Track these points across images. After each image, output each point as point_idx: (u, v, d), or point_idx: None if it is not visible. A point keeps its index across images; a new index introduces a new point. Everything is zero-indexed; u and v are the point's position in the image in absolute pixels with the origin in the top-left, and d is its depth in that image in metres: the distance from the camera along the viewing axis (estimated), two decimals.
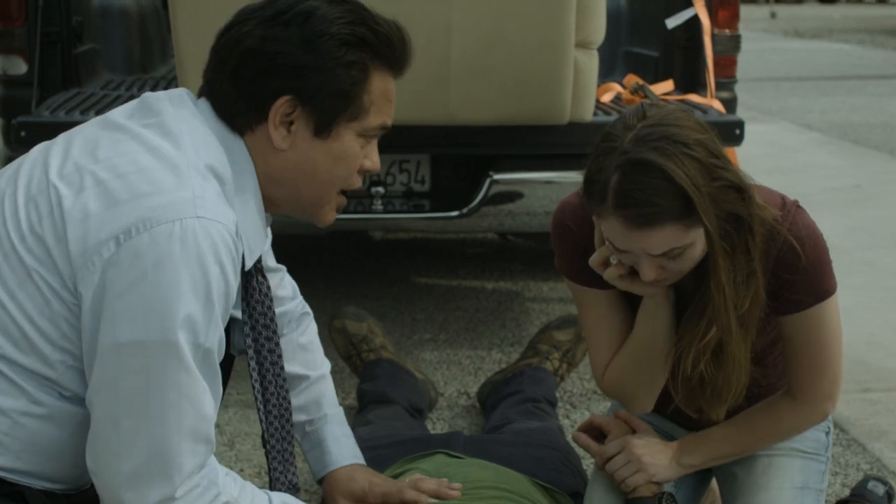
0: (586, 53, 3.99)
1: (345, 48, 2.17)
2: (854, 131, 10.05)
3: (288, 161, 2.21)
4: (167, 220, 2.01)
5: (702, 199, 2.27)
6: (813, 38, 21.39)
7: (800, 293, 2.49)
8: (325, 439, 2.79)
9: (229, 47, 2.18)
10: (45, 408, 2.13)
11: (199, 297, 2.02)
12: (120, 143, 2.14)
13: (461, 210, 4.24)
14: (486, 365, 4.36)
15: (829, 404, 2.64)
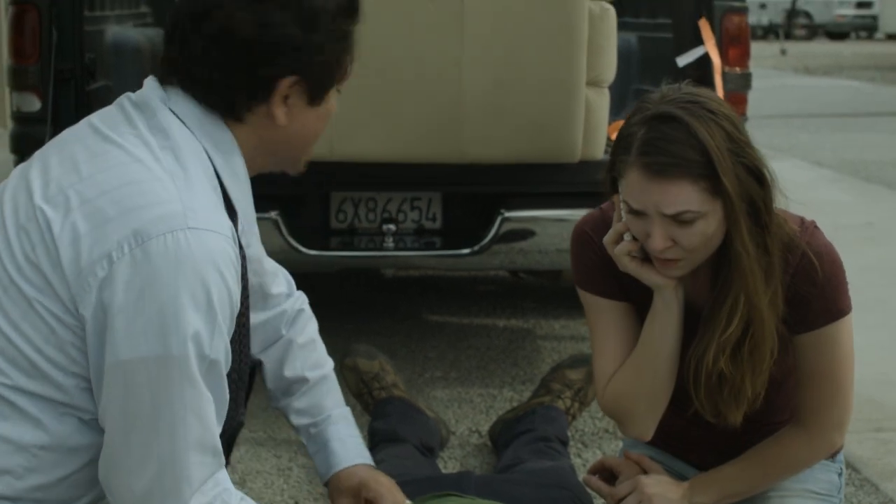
0: (597, 92, 4.00)
1: (338, 20, 2.20)
2: (865, 168, 10.05)
3: (287, 132, 2.23)
4: (158, 233, 1.99)
5: (723, 161, 2.30)
6: (824, 75, 21.42)
7: (815, 310, 2.49)
8: (330, 440, 2.75)
9: (217, 37, 2.13)
10: (64, 439, 2.11)
11: (201, 309, 2.01)
12: (102, 156, 2.10)
13: (472, 248, 4.24)
14: (498, 403, 4.35)
15: (836, 434, 2.62)
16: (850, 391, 2.59)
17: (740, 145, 2.34)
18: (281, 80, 2.16)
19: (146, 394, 2.02)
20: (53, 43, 4.42)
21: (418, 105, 3.84)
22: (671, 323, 2.53)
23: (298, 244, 4.15)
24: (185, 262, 1.99)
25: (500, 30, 3.79)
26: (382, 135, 3.87)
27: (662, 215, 2.34)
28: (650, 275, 2.48)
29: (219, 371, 2.08)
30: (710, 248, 2.41)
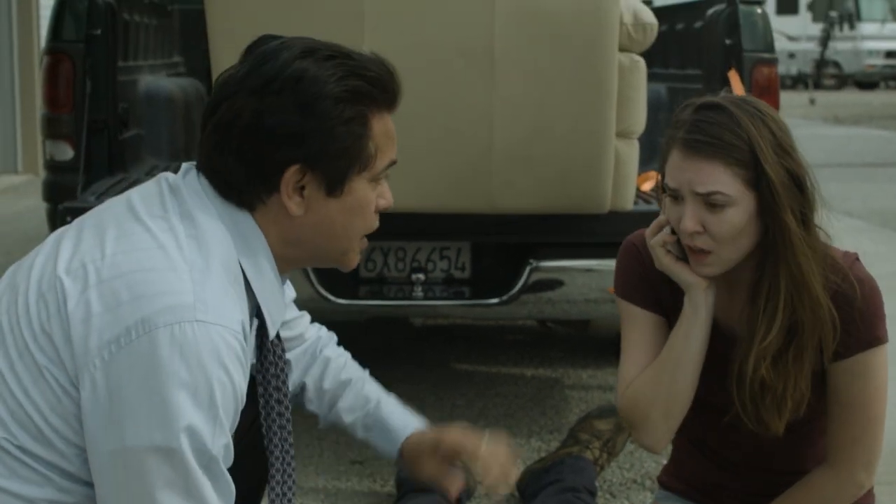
0: (627, 143, 4.02)
1: (341, 105, 2.14)
2: (895, 218, 10.02)
3: (305, 224, 2.19)
4: (166, 323, 1.99)
5: (765, 151, 2.37)
6: (853, 125, 21.37)
7: (852, 335, 2.49)
8: (386, 420, 2.81)
9: (226, 126, 2.14)
10: (73, 495, 2.12)
11: (202, 404, 2.00)
12: (128, 237, 2.12)
13: (501, 297, 4.25)
14: (526, 453, 4.34)
15: (864, 475, 2.59)
16: (880, 429, 2.58)
17: (784, 148, 2.41)
18: (287, 169, 2.14)
19: (146, 482, 2.03)
20: (87, 93, 4.47)
21: (448, 156, 3.86)
22: (697, 326, 2.55)
23: (328, 293, 4.17)
24: (189, 355, 2.00)
25: (530, 82, 3.82)
26: (413, 185, 3.88)
27: (695, 194, 2.41)
28: (682, 272, 2.53)
29: (217, 467, 2.08)
30: (739, 247, 2.45)
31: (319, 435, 4.46)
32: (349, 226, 2.24)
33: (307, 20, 3.74)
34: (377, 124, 2.21)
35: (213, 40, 3.78)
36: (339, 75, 2.14)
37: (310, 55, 2.15)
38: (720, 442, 2.76)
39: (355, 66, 2.18)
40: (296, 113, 2.12)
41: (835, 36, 35.81)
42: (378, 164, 2.23)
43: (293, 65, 2.13)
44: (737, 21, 4.54)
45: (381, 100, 2.22)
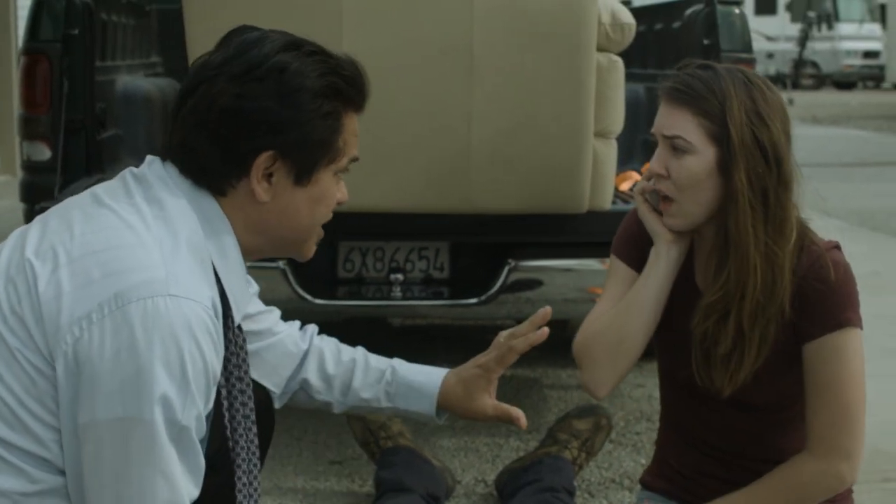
0: (605, 143, 4.02)
1: (320, 100, 2.22)
2: (872, 218, 10.06)
3: (270, 211, 2.25)
4: (139, 297, 2.03)
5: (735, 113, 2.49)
6: (831, 125, 21.45)
7: (822, 314, 2.53)
8: (408, 379, 2.89)
9: (204, 108, 2.19)
10: (46, 484, 2.13)
11: (174, 375, 2.04)
12: (96, 219, 2.16)
13: (480, 297, 4.25)
14: (504, 453, 4.35)
15: (845, 465, 2.59)
16: (859, 418, 2.58)
17: (761, 116, 2.51)
18: (259, 155, 2.19)
19: (117, 454, 2.06)
20: (64, 93, 4.45)
21: (427, 155, 3.86)
22: (656, 276, 2.65)
23: (306, 293, 4.17)
24: (163, 328, 2.03)
25: (508, 82, 3.82)
26: (390, 185, 3.89)
27: (663, 137, 2.57)
28: (653, 221, 2.66)
29: (190, 437, 2.11)
30: (699, 201, 2.55)
31: (298, 435, 4.45)
32: (312, 215, 2.31)
33: (286, 19, 3.72)
34: (348, 122, 2.29)
35: (191, 40, 3.77)
36: (320, 71, 2.22)
37: (293, 49, 2.23)
38: (696, 422, 2.80)
39: (335, 64, 2.26)
40: (276, 102, 2.18)
41: (813, 36, 35.94)
42: (344, 159, 2.30)
43: (277, 56, 2.20)
44: (714, 21, 4.55)
45: (355, 99, 2.30)
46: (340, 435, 4.41)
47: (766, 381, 2.62)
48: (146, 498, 2.08)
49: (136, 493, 2.07)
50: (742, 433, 2.73)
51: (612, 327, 2.69)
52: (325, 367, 2.84)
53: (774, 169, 2.52)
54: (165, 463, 2.07)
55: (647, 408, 4.87)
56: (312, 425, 4.57)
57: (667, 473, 2.91)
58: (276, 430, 2.72)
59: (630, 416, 4.79)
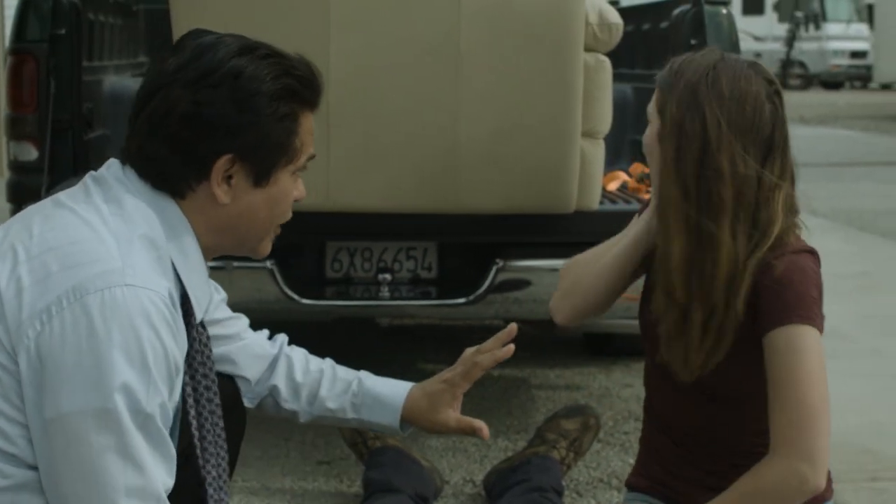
0: (592, 143, 4.02)
1: (276, 103, 2.25)
2: (860, 218, 10.08)
3: (230, 213, 2.29)
4: (96, 288, 2.07)
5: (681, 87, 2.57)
6: (818, 125, 21.49)
7: (774, 309, 2.54)
8: (374, 391, 2.88)
9: (161, 114, 2.22)
10: (15, 479, 2.14)
11: (135, 364, 2.07)
12: (53, 218, 2.20)
13: (468, 297, 4.25)
14: (492, 453, 4.35)
15: (807, 467, 2.52)
16: (819, 420, 2.53)
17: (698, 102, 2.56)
18: (218, 159, 2.23)
19: (85, 446, 2.07)
20: (51, 93, 4.43)
21: (414, 155, 3.86)
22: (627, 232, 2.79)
23: (294, 293, 4.16)
24: (121, 317, 2.06)
25: (495, 82, 3.82)
26: (378, 185, 3.88)
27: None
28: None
29: (156, 425, 2.12)
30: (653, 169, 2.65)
31: (285, 435, 4.45)
32: (270, 215, 2.35)
33: (273, 19, 3.73)
34: (304, 121, 2.33)
35: None
36: (274, 74, 2.25)
37: (247, 53, 2.25)
38: (671, 411, 2.82)
39: (289, 66, 2.29)
40: (233, 107, 2.22)
41: (800, 36, 36.01)
42: (301, 158, 2.34)
43: (231, 61, 2.23)
44: (702, 21, 4.55)
45: (309, 99, 2.33)
46: (329, 435, 4.41)
47: (730, 371, 2.63)
48: (118, 488, 2.09)
49: (109, 482, 2.09)
50: (715, 423, 2.74)
51: (581, 262, 2.87)
52: (293, 374, 2.86)
53: (698, 154, 2.55)
54: (135, 450, 2.09)
55: (636, 408, 4.87)
56: (300, 425, 4.56)
57: (651, 472, 2.92)
58: (262, 431, 2.72)
59: (618, 415, 4.79)
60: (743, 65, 2.62)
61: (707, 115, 2.55)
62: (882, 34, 27.96)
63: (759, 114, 2.58)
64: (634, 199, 4.38)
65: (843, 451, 4.18)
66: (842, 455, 4.12)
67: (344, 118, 3.78)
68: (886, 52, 27.91)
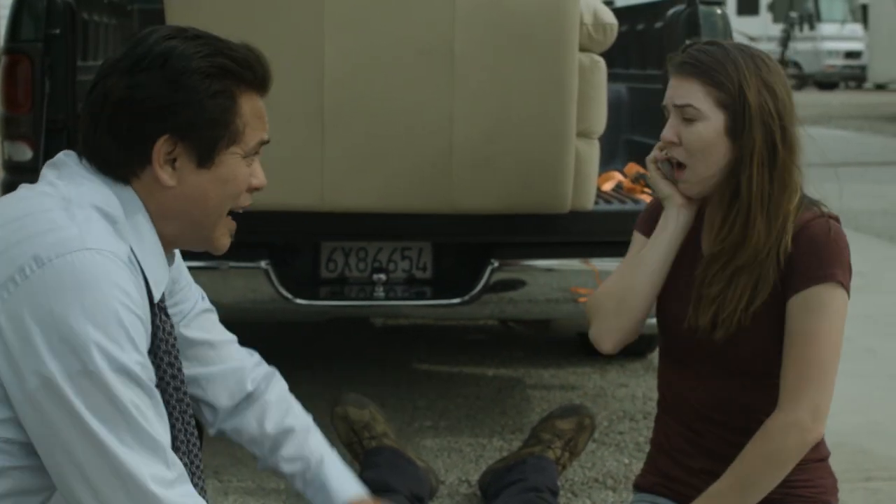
0: (587, 143, 4.03)
1: (208, 80, 2.25)
2: (855, 218, 10.08)
3: (178, 196, 2.29)
4: (57, 254, 2.08)
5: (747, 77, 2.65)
6: (812, 125, 21.42)
7: (809, 267, 2.63)
8: (328, 480, 2.77)
9: (99, 103, 2.25)
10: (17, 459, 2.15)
11: (107, 324, 2.07)
12: (11, 197, 2.25)
13: (463, 297, 4.25)
14: (488, 453, 4.35)
15: (807, 416, 2.59)
16: (828, 373, 2.62)
17: (768, 85, 2.67)
18: (156, 141, 2.24)
19: (73, 415, 2.07)
20: (46, 93, 4.43)
21: (409, 156, 3.86)
22: (664, 238, 2.79)
23: (289, 293, 4.16)
24: (86, 281, 2.08)
25: (490, 82, 3.82)
26: (373, 185, 3.88)
27: (675, 106, 2.70)
28: (663, 186, 2.79)
29: (141, 383, 2.13)
30: (710, 164, 2.69)
31: None
32: (220, 196, 2.33)
33: (267, 20, 3.73)
34: (245, 102, 2.32)
35: None
36: (204, 52, 2.27)
37: (178, 35, 2.28)
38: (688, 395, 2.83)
39: (222, 46, 2.30)
40: (164, 87, 2.23)
41: (795, 36, 36.05)
42: (248, 141, 2.33)
43: (162, 44, 2.26)
44: (696, 21, 4.55)
45: (249, 79, 2.32)
46: (324, 434, 4.40)
47: (754, 331, 2.67)
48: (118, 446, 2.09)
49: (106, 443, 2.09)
50: (732, 401, 2.75)
51: (618, 282, 2.83)
52: (264, 423, 2.78)
53: (779, 132, 2.66)
54: (126, 406, 2.10)
55: (631, 407, 4.87)
56: None
57: (659, 465, 2.93)
58: None
59: (613, 415, 4.79)
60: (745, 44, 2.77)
61: (779, 94, 2.67)
62: (876, 34, 28.05)
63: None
64: (629, 200, 4.38)
65: (838, 451, 4.15)
66: (837, 455, 4.09)
67: (339, 119, 3.78)
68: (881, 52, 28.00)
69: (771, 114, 2.65)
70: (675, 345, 2.84)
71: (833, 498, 2.80)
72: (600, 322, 2.84)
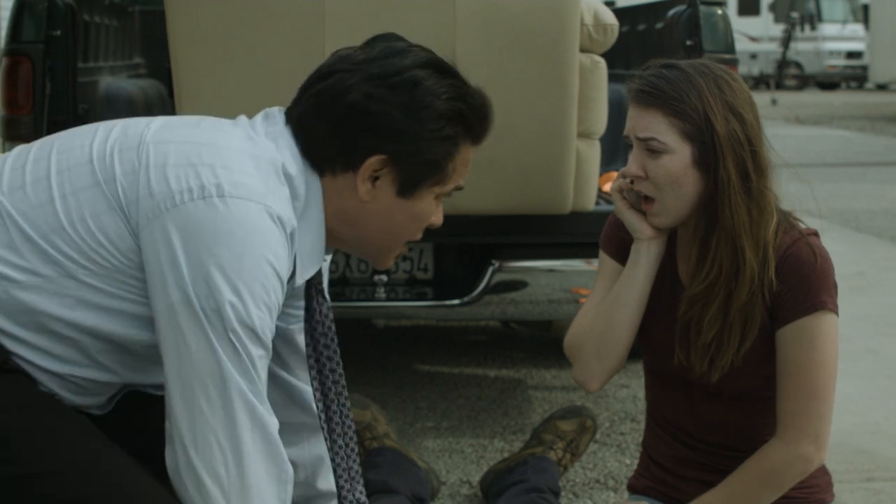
0: (588, 143, 4.03)
1: (443, 122, 2.29)
2: (856, 218, 10.08)
3: (365, 210, 2.33)
4: (239, 196, 2.14)
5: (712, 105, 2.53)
6: (814, 125, 21.50)
7: (799, 297, 2.57)
8: None
9: (331, 95, 2.27)
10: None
11: (252, 280, 2.13)
12: (211, 121, 2.31)
13: (464, 298, 4.25)
14: (489, 454, 4.35)
15: (812, 447, 2.60)
16: (828, 401, 2.61)
17: (732, 108, 2.55)
18: (371, 155, 2.27)
19: (206, 333, 2.14)
20: (47, 94, 4.44)
21: None
22: (638, 274, 2.70)
23: None
24: (252, 234, 2.13)
25: (491, 83, 3.77)
26: None
27: (637, 139, 2.58)
28: (632, 218, 2.68)
29: (264, 344, 2.19)
30: (680, 197, 2.58)
31: None
32: (404, 227, 2.38)
33: (268, 22, 3.73)
34: (463, 150, 2.37)
35: (174, 41, 3.77)
36: (449, 94, 2.30)
37: (432, 67, 2.30)
38: (681, 415, 2.82)
39: (464, 92, 2.33)
40: (402, 112, 2.26)
41: (796, 37, 36.03)
42: (448, 184, 2.37)
43: (415, 70, 2.28)
44: (697, 22, 4.55)
45: (476, 131, 2.37)
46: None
47: (749, 367, 2.64)
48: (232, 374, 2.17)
49: (224, 369, 2.16)
50: (725, 423, 2.75)
51: (598, 323, 2.73)
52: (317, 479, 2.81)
53: (750, 159, 2.56)
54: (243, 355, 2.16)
55: (632, 408, 4.87)
56: None
57: (652, 471, 2.93)
58: None
59: (615, 416, 4.79)
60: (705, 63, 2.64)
61: (746, 117, 2.57)
62: (877, 35, 28.03)
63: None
64: None
65: (839, 452, 4.18)
66: (838, 455, 4.13)
67: None
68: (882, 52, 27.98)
69: (740, 141, 2.54)
70: (664, 370, 2.80)
71: (828, 496, 2.80)
72: (584, 366, 2.77)
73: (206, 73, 3.71)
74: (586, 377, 2.77)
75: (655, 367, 2.85)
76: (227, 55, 3.72)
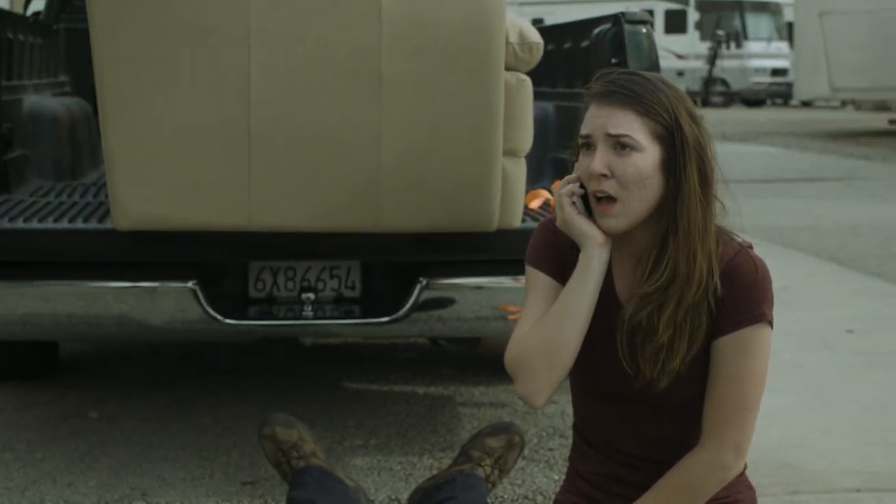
0: (514, 161, 4.04)
1: None
2: (781, 234, 10.18)
3: None
4: None
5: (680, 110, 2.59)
6: (740, 142, 21.69)
7: (737, 309, 2.60)
8: None
9: None
10: None
11: None
12: None
13: (392, 316, 4.24)
14: (418, 471, 4.35)
15: (732, 456, 2.64)
16: (752, 413, 2.64)
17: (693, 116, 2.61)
18: None
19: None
20: None
21: (337, 175, 3.85)
22: (586, 282, 2.66)
23: (217, 313, 4.13)
24: None
25: (417, 101, 3.82)
26: (301, 204, 3.87)
27: (606, 136, 2.58)
28: (582, 223, 2.66)
29: None
30: (643, 198, 2.59)
31: (209, 455, 4.42)
32: None
33: (192, 40, 3.71)
34: None
35: (99, 59, 3.74)
36: None
37: None
38: (612, 432, 2.82)
39: None
40: None
41: (722, 54, 36.40)
42: None
43: None
44: (622, 40, 4.58)
45: None
46: (253, 455, 4.39)
47: (692, 374, 2.66)
48: None
49: None
50: (658, 438, 2.76)
51: (546, 337, 2.67)
52: None
53: (707, 165, 2.62)
54: None
55: (560, 424, 4.89)
56: (224, 445, 4.54)
57: (579, 487, 2.93)
58: (185, 451, 2.70)
59: (543, 432, 4.81)
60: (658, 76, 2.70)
61: (702, 123, 2.63)
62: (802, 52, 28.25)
63: None
64: None
65: (764, 466, 4.22)
66: (763, 469, 4.16)
67: (265, 138, 3.76)
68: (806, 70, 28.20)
69: (701, 145, 2.60)
70: (597, 385, 2.79)
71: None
72: (530, 381, 2.69)
73: (132, 91, 3.69)
74: (533, 392, 2.69)
75: (588, 383, 2.84)
76: (153, 73, 3.70)
